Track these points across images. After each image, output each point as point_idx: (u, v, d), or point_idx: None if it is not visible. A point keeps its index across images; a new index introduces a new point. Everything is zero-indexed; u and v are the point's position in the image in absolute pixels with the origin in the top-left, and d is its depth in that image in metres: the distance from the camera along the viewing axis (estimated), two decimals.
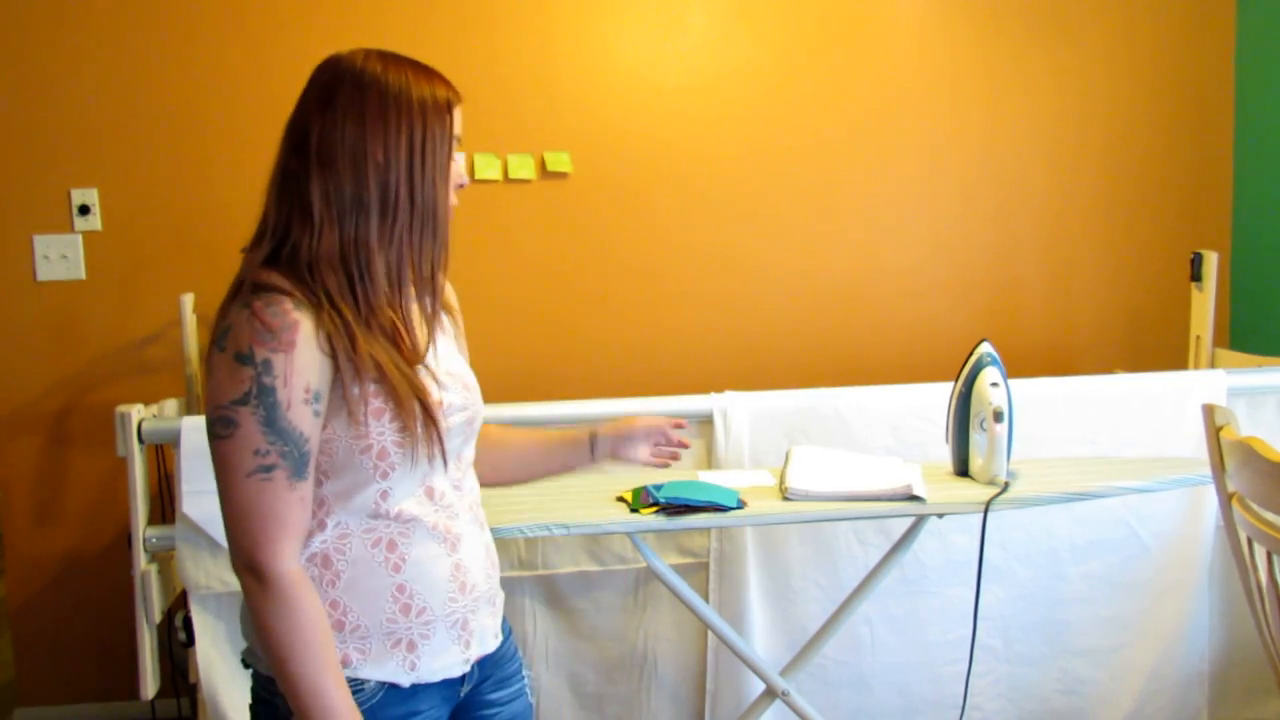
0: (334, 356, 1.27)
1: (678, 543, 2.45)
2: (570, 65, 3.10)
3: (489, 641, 1.43)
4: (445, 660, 1.36)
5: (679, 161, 3.15)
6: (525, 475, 1.72)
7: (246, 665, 1.38)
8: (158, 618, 2.38)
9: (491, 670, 1.46)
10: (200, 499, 2.28)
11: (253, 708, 1.38)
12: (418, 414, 1.30)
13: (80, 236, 2.96)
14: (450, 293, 1.51)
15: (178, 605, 2.44)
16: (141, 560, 2.35)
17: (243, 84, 2.98)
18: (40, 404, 2.97)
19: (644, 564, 2.21)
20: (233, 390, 1.23)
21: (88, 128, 2.95)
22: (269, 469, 1.24)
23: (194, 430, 2.28)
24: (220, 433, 1.24)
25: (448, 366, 1.41)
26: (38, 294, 2.97)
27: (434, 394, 1.34)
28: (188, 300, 2.75)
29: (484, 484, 1.53)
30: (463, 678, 1.41)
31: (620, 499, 2.03)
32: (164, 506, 2.58)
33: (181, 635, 2.38)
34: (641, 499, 1.99)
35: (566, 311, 3.13)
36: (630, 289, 3.16)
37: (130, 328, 2.99)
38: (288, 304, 1.26)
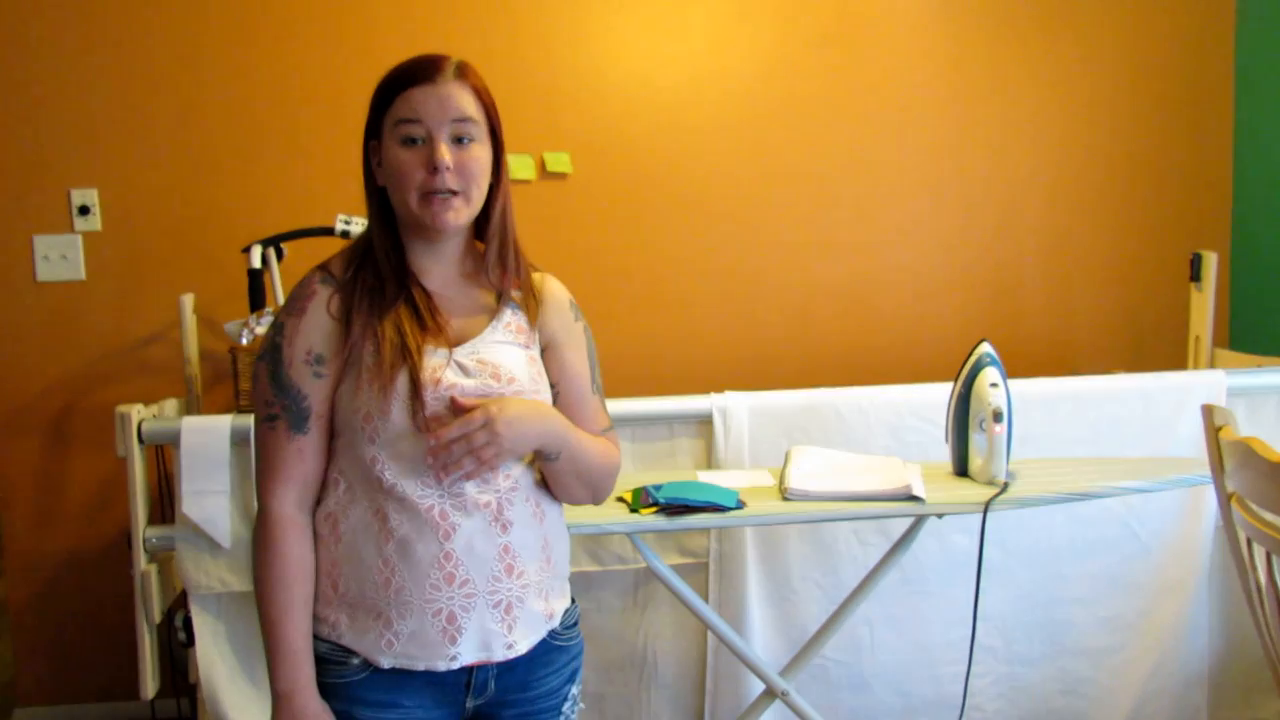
0: (344, 323, 1.39)
1: (678, 543, 2.46)
2: (570, 65, 3.10)
3: (494, 649, 1.39)
4: (426, 650, 1.36)
5: (679, 162, 3.15)
6: None
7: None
8: (158, 618, 2.38)
9: (515, 695, 1.43)
10: (200, 499, 2.28)
11: None
12: (402, 385, 1.36)
13: (80, 236, 2.96)
14: (549, 294, 1.54)
15: (178, 605, 2.44)
16: (141, 560, 2.35)
17: (243, 84, 2.98)
18: (40, 404, 2.97)
19: (644, 564, 2.21)
20: (263, 347, 1.42)
21: (88, 128, 2.95)
22: (273, 419, 1.39)
23: (194, 430, 2.29)
24: (254, 383, 1.43)
25: (485, 355, 1.42)
26: (38, 294, 2.97)
27: (436, 373, 1.37)
28: (188, 300, 2.75)
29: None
30: (465, 685, 1.39)
31: (620, 499, 2.03)
32: (164, 506, 2.58)
33: (181, 635, 2.38)
34: (641, 499, 1.99)
35: None
36: (630, 289, 3.16)
37: (130, 328, 2.99)
38: (316, 277, 1.42)
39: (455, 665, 1.37)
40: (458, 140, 1.39)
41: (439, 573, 1.36)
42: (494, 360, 1.42)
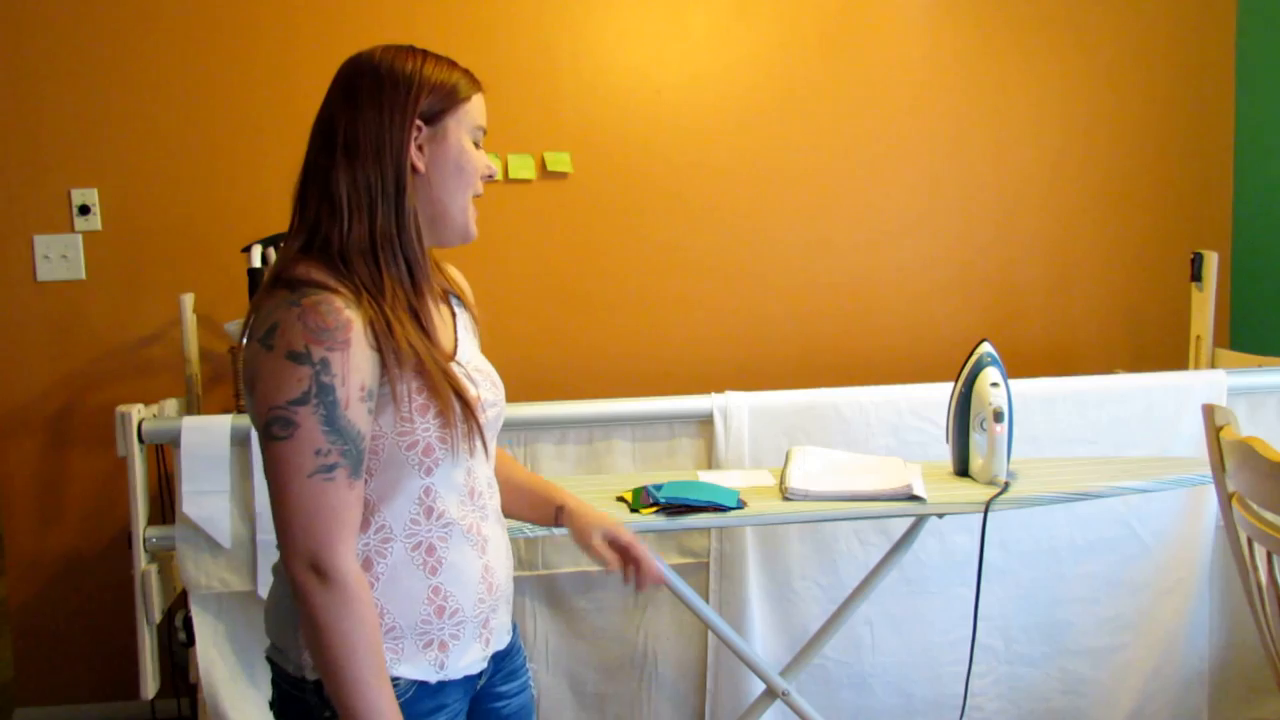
0: (380, 351, 1.26)
1: (678, 543, 2.46)
2: (570, 65, 3.09)
3: (504, 637, 1.46)
4: (470, 658, 1.38)
5: (679, 162, 3.15)
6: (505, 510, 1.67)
7: (272, 662, 1.37)
8: (158, 618, 2.38)
9: (502, 663, 1.48)
10: (200, 499, 2.28)
11: (276, 705, 1.36)
12: (456, 408, 1.30)
13: (80, 236, 2.96)
14: (464, 285, 1.52)
15: (178, 605, 2.44)
16: (141, 560, 2.35)
17: (243, 84, 2.98)
18: (40, 404, 2.97)
19: None
20: (290, 390, 1.21)
21: (88, 128, 2.95)
22: (331, 468, 1.22)
23: (194, 430, 2.29)
24: (278, 434, 1.21)
25: (475, 363, 1.42)
26: (38, 294, 2.96)
27: (470, 389, 1.35)
28: (188, 300, 2.75)
29: None
30: (481, 672, 1.43)
31: (620, 499, 2.03)
32: (164, 506, 2.58)
33: (181, 635, 2.38)
34: (642, 499, 1.99)
35: (567, 311, 3.13)
36: (630, 288, 3.16)
37: (130, 328, 2.99)
38: (338, 302, 1.24)
39: (486, 664, 1.42)
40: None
41: (483, 585, 1.38)
42: (483, 367, 1.44)
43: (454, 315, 1.45)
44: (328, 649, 1.22)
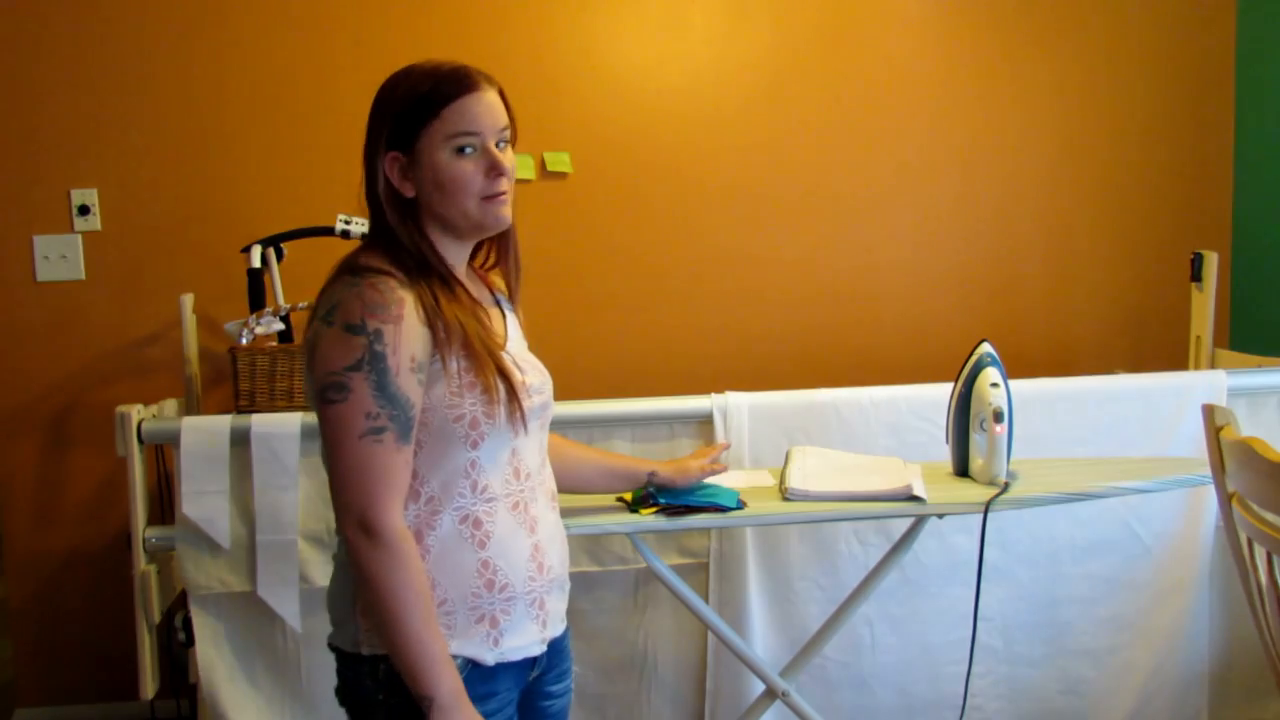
0: (432, 328, 1.36)
1: (678, 543, 2.45)
2: (570, 65, 3.09)
3: (559, 625, 1.49)
4: (526, 638, 1.42)
5: (679, 162, 3.14)
6: (577, 489, 1.82)
7: (332, 648, 1.42)
8: (157, 618, 2.38)
9: (555, 660, 1.52)
10: (200, 499, 2.28)
11: (340, 692, 1.43)
12: (500, 389, 1.38)
13: (80, 236, 2.96)
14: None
15: (178, 605, 2.44)
16: (141, 560, 2.36)
17: (243, 84, 2.98)
18: (40, 404, 2.97)
19: (644, 564, 2.21)
20: (345, 357, 1.32)
21: (88, 128, 2.94)
22: (380, 430, 1.31)
23: (194, 430, 2.29)
24: (333, 397, 1.31)
25: (522, 353, 1.52)
26: (38, 294, 2.96)
27: (520, 376, 1.44)
28: (188, 300, 2.75)
29: None
30: (536, 661, 1.46)
31: (620, 499, 2.03)
32: (164, 506, 2.58)
33: (181, 635, 2.38)
34: (642, 499, 1.99)
35: (566, 311, 3.13)
36: (630, 289, 3.16)
37: (130, 328, 2.99)
38: (393, 282, 1.35)
39: (544, 649, 1.46)
40: (499, 144, 1.45)
41: (533, 564, 1.43)
42: (530, 358, 1.53)
43: (504, 315, 1.54)
44: (379, 603, 1.31)
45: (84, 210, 2.95)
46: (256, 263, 2.69)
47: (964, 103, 3.23)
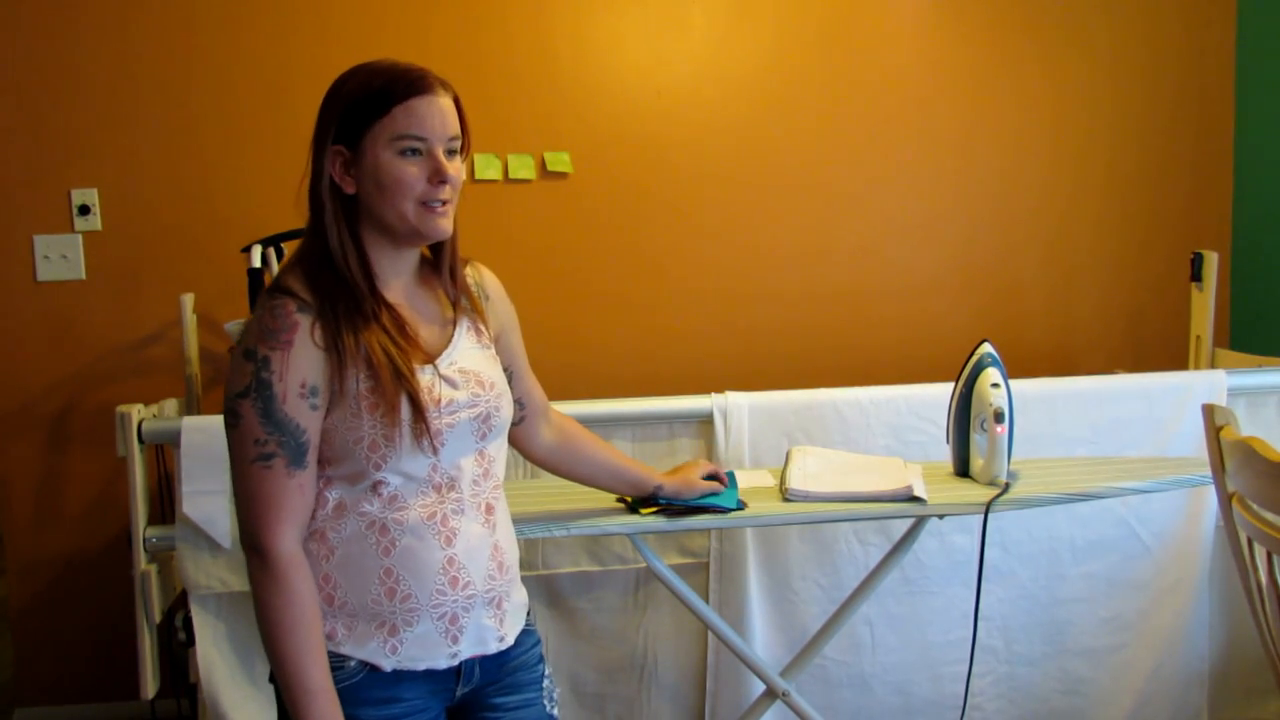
0: (332, 350, 1.35)
1: (678, 543, 2.45)
2: (570, 65, 3.09)
3: (488, 643, 1.44)
4: (429, 651, 1.40)
5: (679, 162, 3.14)
6: (586, 482, 1.85)
7: (272, 681, 1.40)
8: (158, 618, 2.38)
9: (497, 674, 1.48)
10: (200, 499, 2.28)
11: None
12: (404, 410, 1.35)
13: (80, 236, 2.96)
14: (492, 286, 1.59)
15: (178, 605, 2.44)
16: (141, 560, 2.35)
17: (243, 84, 2.98)
18: (40, 404, 2.97)
19: (644, 564, 2.20)
20: (237, 384, 1.34)
21: (88, 128, 2.94)
22: (269, 457, 1.33)
23: (194, 430, 2.28)
24: (229, 422, 1.35)
25: (463, 364, 1.45)
26: (38, 294, 2.96)
27: (434, 392, 1.38)
28: (188, 300, 2.75)
29: (549, 469, 1.76)
30: (455, 675, 1.43)
31: (620, 500, 2.03)
32: (164, 506, 2.58)
33: (181, 635, 2.38)
34: (642, 500, 1.98)
35: (566, 312, 3.13)
36: (630, 289, 3.16)
37: (130, 328, 2.99)
38: (291, 305, 1.35)
39: (455, 662, 1.42)
40: (448, 154, 1.40)
41: (444, 578, 1.39)
42: (472, 368, 1.46)
43: (455, 319, 1.48)
44: (262, 625, 1.34)
45: (84, 210, 2.95)
46: (256, 263, 2.69)
47: (965, 103, 3.23)
